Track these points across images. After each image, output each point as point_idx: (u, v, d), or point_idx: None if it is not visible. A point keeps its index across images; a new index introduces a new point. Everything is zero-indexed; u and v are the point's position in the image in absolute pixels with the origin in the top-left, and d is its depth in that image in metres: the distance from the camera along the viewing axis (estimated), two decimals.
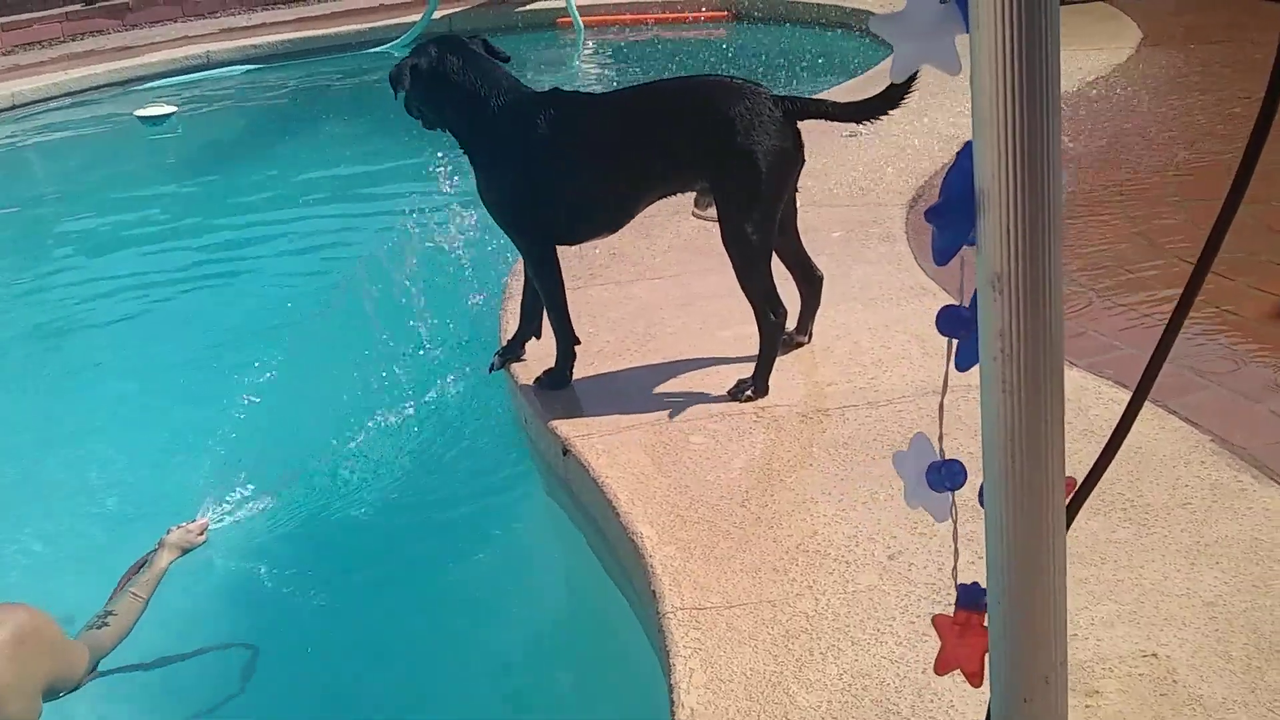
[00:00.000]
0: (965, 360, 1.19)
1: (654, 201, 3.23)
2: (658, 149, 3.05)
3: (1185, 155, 4.85)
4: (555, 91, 3.19)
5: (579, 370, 3.26)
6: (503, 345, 3.49)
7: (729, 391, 3.08)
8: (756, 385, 3.07)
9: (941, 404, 1.24)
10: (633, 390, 3.19)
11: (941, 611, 1.31)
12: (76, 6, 11.53)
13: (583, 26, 10.02)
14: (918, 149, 5.00)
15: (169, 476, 3.66)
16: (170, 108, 8.53)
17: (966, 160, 1.10)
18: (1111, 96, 5.84)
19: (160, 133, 8.34)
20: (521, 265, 3.39)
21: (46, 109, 9.29)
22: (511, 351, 3.45)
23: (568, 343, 3.25)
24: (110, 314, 5.22)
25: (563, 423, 3.04)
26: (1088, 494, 1.22)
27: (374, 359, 4.07)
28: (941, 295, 3.48)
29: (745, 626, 2.20)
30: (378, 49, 9.99)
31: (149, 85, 9.46)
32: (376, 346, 4.15)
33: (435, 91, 3.13)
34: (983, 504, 1.20)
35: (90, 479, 3.76)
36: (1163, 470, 2.56)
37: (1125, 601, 2.16)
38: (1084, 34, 6.93)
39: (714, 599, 2.29)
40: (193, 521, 3.08)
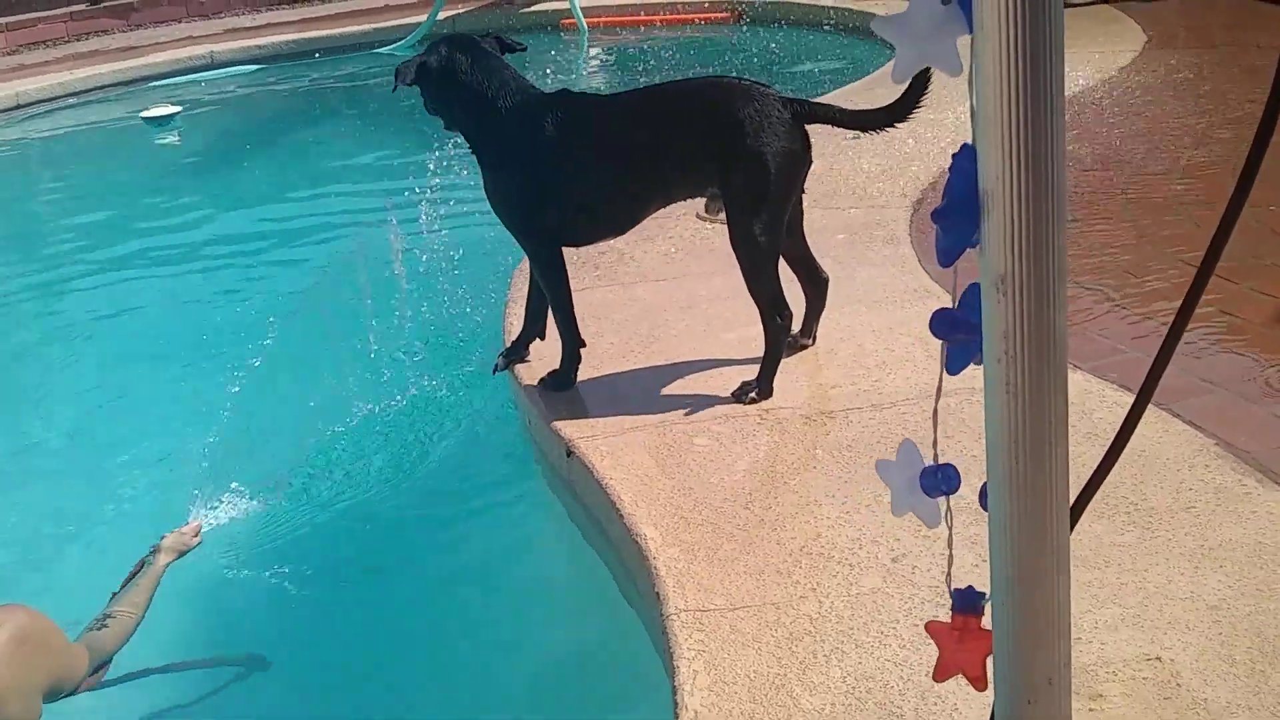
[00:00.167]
0: (956, 363, 1.19)
1: (662, 206, 3.22)
2: (666, 150, 3.05)
3: (1189, 158, 4.85)
4: (563, 92, 3.18)
5: (582, 372, 3.26)
6: (507, 346, 3.49)
7: (733, 394, 3.08)
8: (761, 387, 3.06)
9: (935, 410, 1.23)
10: (636, 392, 3.19)
11: (943, 615, 1.31)
12: (81, 6, 11.56)
13: (586, 28, 10.03)
14: (921, 151, 5.00)
15: (168, 476, 3.65)
16: (175, 108, 8.54)
17: (964, 162, 1.10)
18: (1115, 99, 5.84)
19: (165, 133, 8.35)
20: (527, 266, 3.39)
21: (51, 109, 9.30)
22: (516, 352, 3.44)
23: (573, 345, 3.24)
24: (110, 314, 5.22)
25: (566, 424, 3.04)
26: (1091, 497, 1.23)
27: (375, 359, 4.08)
28: (945, 298, 3.45)
29: (749, 629, 2.20)
30: (383, 49, 10.00)
31: (153, 85, 9.48)
32: (378, 346, 4.16)
33: (444, 90, 3.13)
34: (985, 506, 1.21)
35: (89, 479, 3.76)
36: (1167, 474, 2.56)
37: (1129, 605, 2.16)
38: (1087, 37, 6.93)
39: (718, 601, 2.29)
40: (187, 524, 3.09)
